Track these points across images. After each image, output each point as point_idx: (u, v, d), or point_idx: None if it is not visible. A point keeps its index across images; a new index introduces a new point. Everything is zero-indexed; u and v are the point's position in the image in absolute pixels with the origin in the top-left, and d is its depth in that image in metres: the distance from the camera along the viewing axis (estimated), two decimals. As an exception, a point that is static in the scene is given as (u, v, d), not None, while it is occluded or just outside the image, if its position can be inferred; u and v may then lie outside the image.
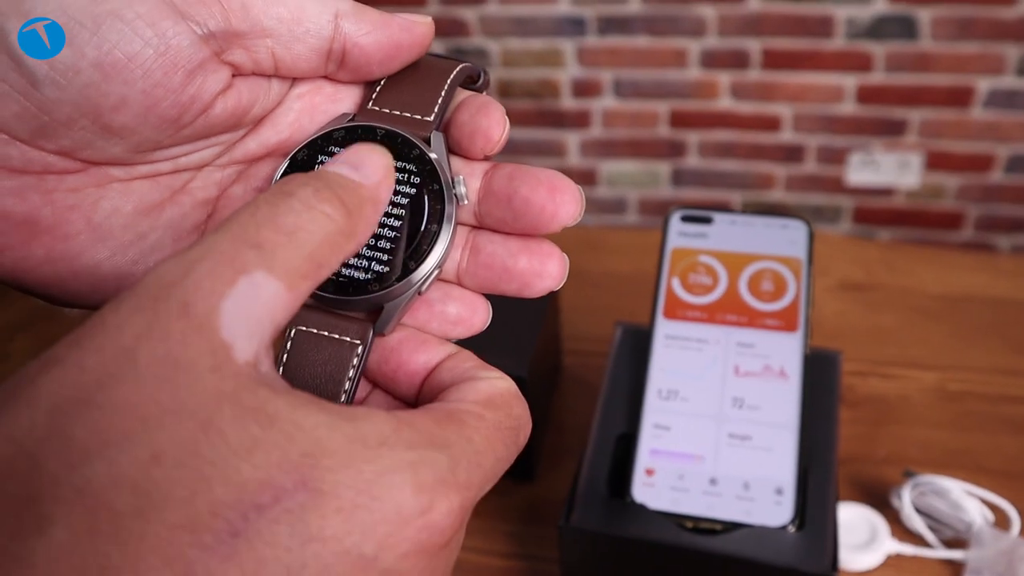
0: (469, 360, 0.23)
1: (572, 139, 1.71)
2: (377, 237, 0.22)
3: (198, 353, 0.16)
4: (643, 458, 0.39)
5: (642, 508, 0.38)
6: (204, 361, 0.16)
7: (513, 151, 1.74)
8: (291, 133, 0.24)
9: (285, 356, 0.22)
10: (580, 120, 1.69)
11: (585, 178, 1.74)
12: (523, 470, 0.51)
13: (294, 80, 0.24)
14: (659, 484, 0.38)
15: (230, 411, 0.16)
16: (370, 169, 0.20)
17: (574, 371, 0.60)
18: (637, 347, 0.44)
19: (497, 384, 0.21)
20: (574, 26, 1.59)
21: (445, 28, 1.63)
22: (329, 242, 0.18)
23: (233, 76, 0.22)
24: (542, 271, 0.23)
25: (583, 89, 1.65)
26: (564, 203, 0.22)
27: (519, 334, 0.49)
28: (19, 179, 0.21)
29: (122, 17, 0.20)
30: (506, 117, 0.24)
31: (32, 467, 0.15)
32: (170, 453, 0.15)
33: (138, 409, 0.15)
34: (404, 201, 0.23)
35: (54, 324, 0.69)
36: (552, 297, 0.55)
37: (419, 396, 0.23)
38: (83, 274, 0.23)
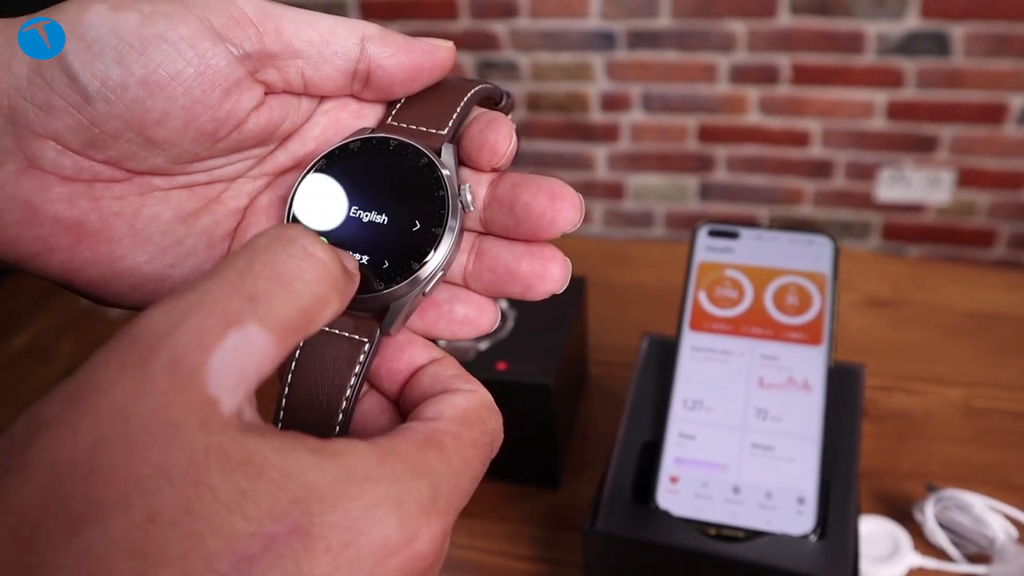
0: (450, 368, 0.23)
1: (600, 152, 1.72)
2: (384, 239, 0.24)
3: (186, 411, 0.16)
4: (668, 466, 0.40)
5: (666, 514, 0.38)
6: (192, 418, 0.16)
7: (542, 163, 1.76)
8: (316, 146, 0.26)
9: (297, 352, 0.23)
10: (609, 133, 1.70)
11: (613, 191, 1.75)
12: (548, 477, 0.52)
13: (322, 98, 0.26)
14: (683, 491, 0.39)
15: (218, 467, 0.16)
16: (347, 257, 0.21)
17: (599, 381, 0.61)
18: (663, 358, 0.45)
19: (472, 398, 0.22)
20: (604, 40, 1.61)
21: (476, 42, 1.65)
22: (323, 297, 0.19)
23: (265, 94, 0.24)
24: (544, 273, 0.24)
25: (612, 103, 1.67)
26: (563, 209, 0.23)
27: (545, 344, 0.50)
28: (70, 186, 0.23)
29: (167, 39, 0.22)
30: (514, 133, 0.24)
31: (31, 537, 0.15)
32: (164, 513, 0.15)
33: (131, 471, 0.16)
34: (412, 206, 0.24)
35: (97, 326, 0.71)
36: (578, 308, 0.56)
37: (401, 395, 0.24)
38: (124, 275, 0.24)
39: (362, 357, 0.23)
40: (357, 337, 0.23)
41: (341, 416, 0.23)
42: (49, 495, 0.15)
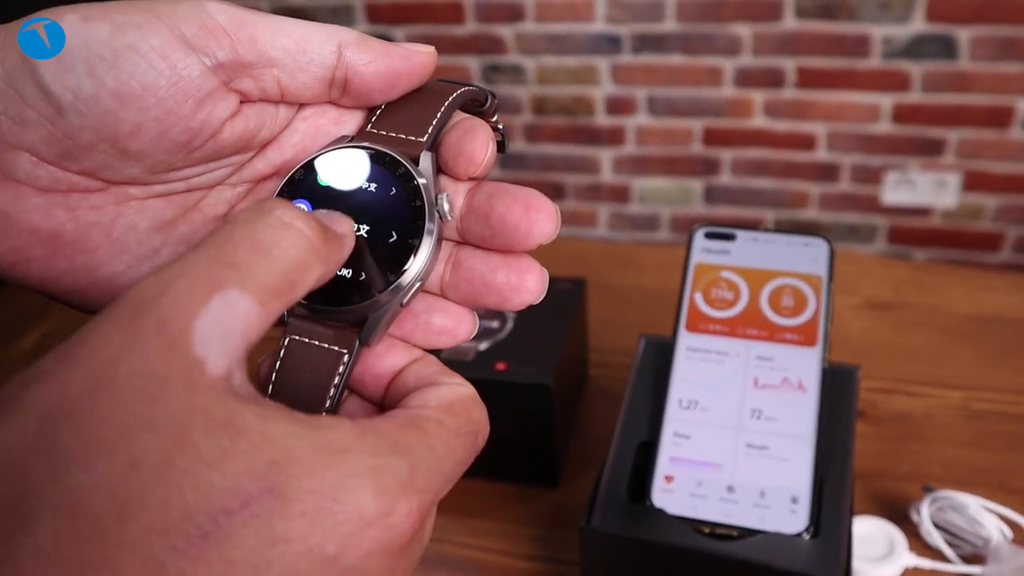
0: (433, 365, 0.24)
1: (606, 155, 1.73)
2: (362, 250, 0.24)
3: (173, 369, 0.17)
4: (663, 465, 0.40)
5: (661, 513, 0.39)
6: (178, 377, 0.17)
7: (547, 167, 1.76)
8: (295, 154, 0.26)
9: (278, 363, 0.23)
10: (614, 137, 1.70)
11: (618, 194, 1.76)
12: (548, 477, 0.53)
13: (300, 105, 0.25)
14: (678, 490, 0.40)
15: (202, 424, 0.17)
16: (338, 222, 0.22)
17: (600, 382, 0.62)
18: (660, 358, 0.46)
19: (458, 390, 0.22)
20: (609, 44, 1.61)
21: (482, 45, 1.66)
22: (303, 261, 0.19)
23: (241, 103, 0.24)
24: (520, 285, 0.24)
25: (617, 106, 1.67)
26: (538, 221, 0.23)
27: (545, 345, 0.51)
28: (46, 197, 0.23)
29: (138, 50, 0.22)
30: (493, 141, 0.24)
31: (21, 474, 0.16)
32: (146, 462, 0.16)
33: (118, 420, 0.16)
34: (389, 216, 0.24)
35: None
36: (579, 310, 0.56)
37: (384, 398, 0.24)
38: (101, 284, 0.24)
39: (341, 368, 0.23)
40: (336, 348, 0.23)
41: None
42: (39, 437, 0.16)
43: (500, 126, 0.27)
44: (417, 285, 0.24)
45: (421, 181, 0.24)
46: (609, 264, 0.77)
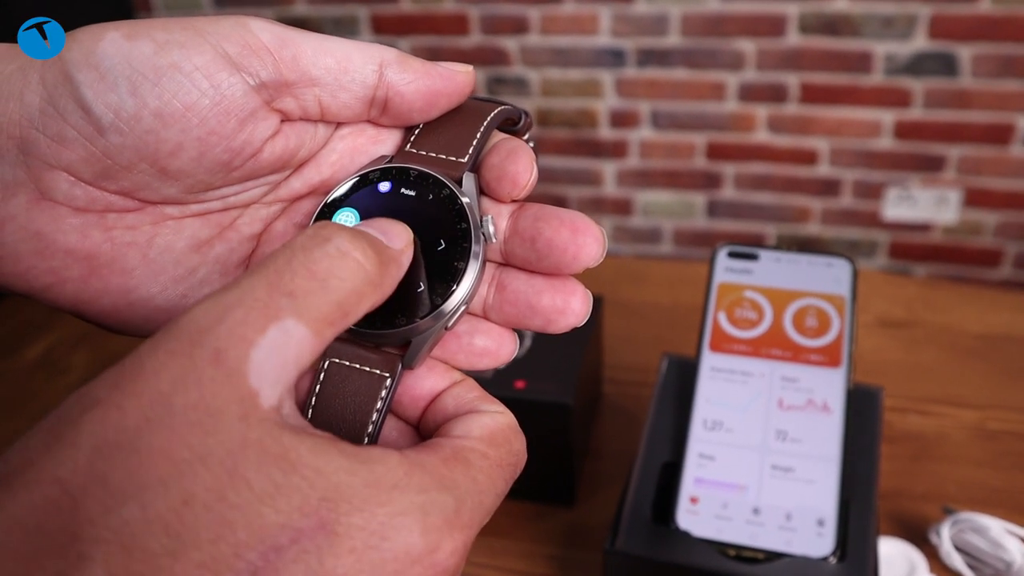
0: (473, 390, 0.24)
1: (609, 169, 1.73)
2: (406, 272, 0.23)
3: (227, 401, 0.17)
4: (688, 486, 0.40)
5: (686, 535, 0.39)
6: (233, 409, 0.17)
7: (551, 179, 1.77)
8: (333, 173, 0.26)
9: (318, 387, 0.23)
10: (617, 150, 1.71)
11: (621, 207, 1.76)
12: (564, 495, 0.52)
13: (338, 124, 0.25)
14: (703, 512, 0.39)
15: (255, 458, 0.17)
16: (395, 236, 0.21)
17: (613, 399, 0.62)
18: (683, 378, 0.46)
19: (499, 419, 0.22)
20: (613, 57, 1.62)
21: (486, 57, 1.66)
22: (357, 291, 0.19)
23: (281, 122, 0.24)
24: (565, 308, 0.24)
25: (621, 120, 1.67)
26: (586, 244, 0.23)
27: (564, 362, 0.51)
28: (82, 217, 0.23)
29: (181, 69, 0.21)
30: (535, 163, 0.24)
31: (74, 508, 0.16)
32: (199, 497, 0.16)
33: (172, 454, 0.16)
34: (434, 239, 0.23)
35: (112, 338, 0.72)
36: (596, 327, 0.56)
37: (421, 420, 0.24)
38: (137, 306, 0.24)
39: (384, 392, 0.23)
40: (379, 372, 0.23)
41: None
42: (92, 470, 0.16)
43: (532, 144, 0.27)
44: (463, 308, 0.23)
45: (465, 201, 0.24)
46: (618, 280, 0.77)
